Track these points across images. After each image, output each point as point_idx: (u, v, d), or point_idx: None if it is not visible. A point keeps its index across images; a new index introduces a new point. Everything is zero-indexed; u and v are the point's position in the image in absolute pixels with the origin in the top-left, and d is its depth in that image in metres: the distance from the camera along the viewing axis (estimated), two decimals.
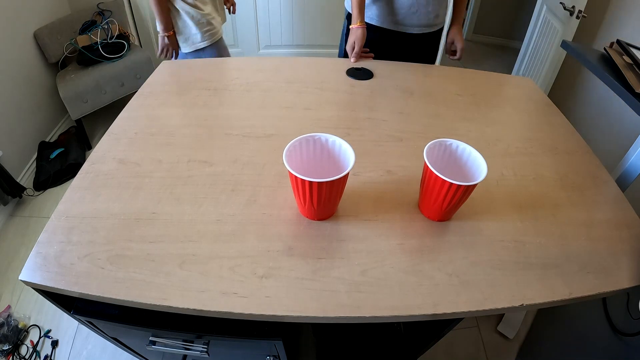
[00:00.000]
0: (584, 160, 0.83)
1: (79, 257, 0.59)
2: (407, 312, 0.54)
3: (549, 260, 0.61)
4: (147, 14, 2.51)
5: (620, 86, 0.82)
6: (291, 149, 0.61)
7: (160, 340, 0.71)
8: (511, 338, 1.37)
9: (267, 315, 0.53)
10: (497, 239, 0.64)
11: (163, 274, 0.57)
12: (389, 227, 0.65)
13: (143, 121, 0.87)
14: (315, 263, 0.59)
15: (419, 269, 0.59)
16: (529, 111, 0.99)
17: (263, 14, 2.58)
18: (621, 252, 0.64)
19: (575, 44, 1.05)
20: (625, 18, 1.88)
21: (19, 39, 1.92)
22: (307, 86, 1.01)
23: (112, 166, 0.75)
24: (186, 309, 0.53)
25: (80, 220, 0.64)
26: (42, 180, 1.92)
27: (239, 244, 0.61)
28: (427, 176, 0.61)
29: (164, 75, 1.06)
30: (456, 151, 0.65)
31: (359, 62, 1.16)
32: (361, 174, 0.75)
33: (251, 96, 0.96)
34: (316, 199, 0.59)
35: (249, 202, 0.68)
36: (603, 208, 0.72)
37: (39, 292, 0.60)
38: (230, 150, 0.79)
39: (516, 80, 1.14)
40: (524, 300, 0.56)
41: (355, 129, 0.86)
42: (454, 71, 1.14)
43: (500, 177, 0.76)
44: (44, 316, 1.42)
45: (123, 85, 2.13)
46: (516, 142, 0.86)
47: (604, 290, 0.58)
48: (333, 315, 0.53)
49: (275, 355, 0.74)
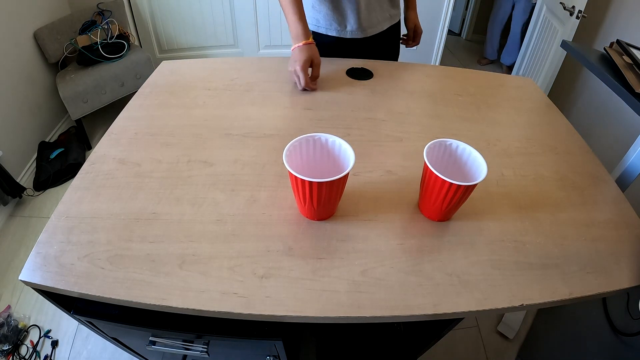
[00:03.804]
0: (584, 160, 0.83)
1: (78, 257, 0.59)
2: (407, 312, 0.54)
3: (549, 260, 0.61)
4: (147, 14, 2.51)
5: (620, 86, 0.82)
6: (291, 149, 0.61)
7: (160, 340, 0.71)
8: (511, 338, 1.37)
9: (267, 315, 0.53)
10: (497, 239, 0.64)
11: (163, 274, 0.57)
12: (389, 227, 0.65)
13: (143, 121, 0.87)
14: (315, 263, 0.59)
15: (419, 269, 0.59)
16: (529, 111, 0.99)
17: (263, 14, 2.58)
18: (621, 252, 0.64)
19: (575, 44, 1.05)
20: (625, 18, 1.88)
21: (19, 39, 1.92)
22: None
23: (112, 166, 0.75)
24: (186, 309, 0.53)
25: (80, 220, 0.64)
26: (42, 180, 1.92)
27: (239, 244, 0.61)
28: (427, 176, 0.61)
29: (164, 75, 1.06)
30: (456, 151, 0.65)
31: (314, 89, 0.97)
32: (361, 174, 0.75)
33: (251, 96, 0.96)
34: (316, 199, 0.59)
35: (249, 202, 0.68)
36: (603, 208, 0.72)
37: (39, 292, 0.60)
38: (230, 150, 0.79)
39: (516, 80, 1.14)
40: (524, 300, 0.56)
41: (355, 129, 0.86)
42: (454, 71, 1.14)
43: (500, 177, 0.76)
44: (44, 316, 1.42)
45: (123, 85, 2.13)
46: (516, 142, 0.86)
47: (604, 290, 0.58)
48: (333, 315, 0.53)
49: (275, 355, 0.74)
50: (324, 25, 1.10)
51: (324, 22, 1.09)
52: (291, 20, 0.94)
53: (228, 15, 2.60)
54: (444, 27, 2.53)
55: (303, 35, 0.93)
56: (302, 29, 0.93)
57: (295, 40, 0.94)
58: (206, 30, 2.64)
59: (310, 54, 0.94)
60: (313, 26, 1.11)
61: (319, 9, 1.07)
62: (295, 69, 0.94)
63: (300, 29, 0.93)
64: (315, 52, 0.95)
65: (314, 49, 0.94)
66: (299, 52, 0.93)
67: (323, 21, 1.09)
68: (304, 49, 0.93)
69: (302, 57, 0.93)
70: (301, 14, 0.94)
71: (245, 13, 2.57)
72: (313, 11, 1.08)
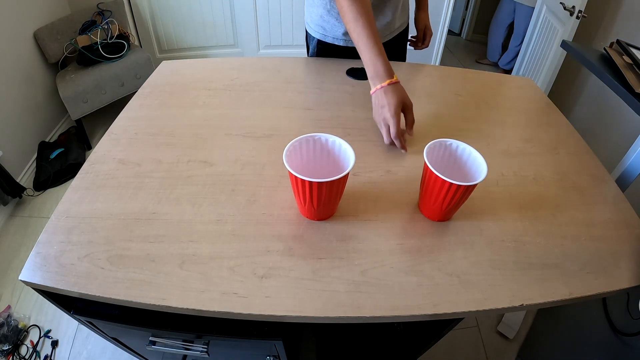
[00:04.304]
0: (584, 160, 0.83)
1: (79, 257, 0.59)
2: (407, 312, 0.54)
3: (549, 260, 0.61)
4: (147, 14, 2.51)
5: (620, 86, 0.82)
6: (291, 149, 0.61)
7: (160, 340, 0.71)
8: (511, 338, 1.37)
9: (267, 315, 0.53)
10: (497, 239, 0.64)
11: (163, 274, 0.57)
12: (389, 227, 0.65)
13: (143, 121, 0.87)
14: (315, 263, 0.59)
15: (419, 269, 0.59)
16: (529, 111, 0.99)
17: (263, 14, 2.58)
18: (621, 252, 0.64)
19: (575, 44, 1.05)
20: (625, 18, 1.88)
21: (19, 39, 1.92)
22: (307, 86, 1.01)
23: (112, 166, 0.75)
24: (186, 309, 0.53)
25: (80, 220, 0.64)
26: (42, 180, 1.92)
27: (239, 244, 0.61)
28: (427, 176, 0.61)
29: (164, 75, 1.06)
30: (456, 151, 0.65)
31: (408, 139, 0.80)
32: (361, 174, 0.75)
33: (251, 96, 0.96)
34: (316, 199, 0.59)
35: (249, 202, 0.68)
36: (603, 208, 0.72)
37: (39, 292, 0.60)
38: (230, 150, 0.79)
39: (516, 80, 1.14)
40: (524, 300, 0.56)
41: (355, 129, 0.86)
42: (454, 71, 1.14)
43: (500, 177, 0.76)
44: (44, 316, 1.42)
45: (123, 85, 2.13)
46: (516, 142, 0.86)
47: (604, 290, 0.58)
48: (333, 315, 0.53)
49: (275, 355, 0.74)
50: (331, 35, 1.09)
51: (331, 32, 1.08)
52: (369, 56, 0.77)
53: (228, 15, 2.60)
54: (444, 27, 2.54)
55: (387, 73, 0.76)
56: (385, 66, 0.76)
57: (376, 81, 0.77)
58: (206, 30, 2.64)
59: (401, 95, 0.76)
60: (320, 35, 1.10)
61: (327, 19, 1.06)
62: (385, 117, 0.76)
63: (383, 66, 0.76)
64: (405, 93, 0.77)
65: (402, 89, 0.77)
66: (386, 95, 0.75)
67: (331, 31, 1.08)
68: (392, 90, 0.75)
69: (392, 101, 0.74)
70: (380, 47, 0.77)
71: (245, 13, 2.57)
72: (321, 20, 1.07)
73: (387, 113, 0.75)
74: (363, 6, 0.78)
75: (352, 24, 0.79)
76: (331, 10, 1.04)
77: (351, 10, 0.78)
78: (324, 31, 1.09)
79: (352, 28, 0.79)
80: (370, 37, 0.77)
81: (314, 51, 1.15)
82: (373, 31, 0.78)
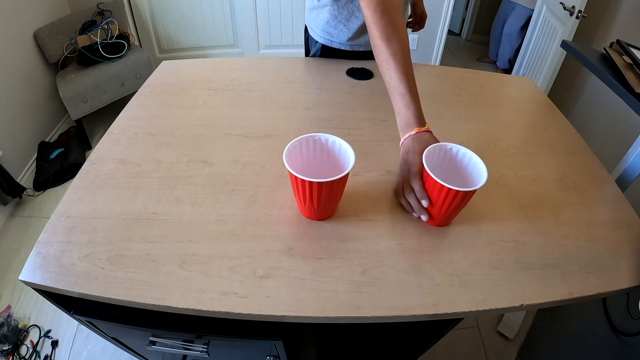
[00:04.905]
0: (584, 160, 0.83)
1: (79, 257, 0.59)
2: (407, 312, 0.54)
3: (549, 260, 0.61)
4: (147, 14, 2.51)
5: (620, 86, 0.82)
6: (291, 149, 0.61)
7: (160, 340, 0.71)
8: (511, 338, 1.37)
9: (267, 315, 0.53)
10: (497, 239, 0.64)
11: (163, 274, 0.57)
12: (389, 227, 0.65)
13: (143, 121, 0.87)
14: (315, 263, 0.59)
15: (419, 269, 0.59)
16: (529, 111, 0.99)
17: (263, 14, 2.58)
18: (621, 252, 0.64)
19: (575, 44, 1.05)
20: (625, 18, 1.88)
21: (19, 39, 1.92)
22: (307, 86, 1.01)
23: (112, 166, 0.75)
24: (186, 309, 0.53)
25: (80, 220, 0.64)
26: (42, 180, 1.92)
27: (239, 244, 0.61)
28: (426, 181, 0.61)
29: (164, 75, 1.06)
30: (456, 156, 0.64)
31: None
32: (361, 174, 0.75)
33: (251, 96, 0.96)
34: (316, 199, 0.59)
35: (249, 202, 0.68)
36: (603, 208, 0.72)
37: (39, 292, 0.60)
38: (230, 150, 0.79)
39: (516, 80, 1.14)
40: (524, 300, 0.56)
41: (355, 129, 0.86)
42: (454, 71, 1.14)
43: (500, 177, 0.76)
44: (44, 316, 1.42)
45: (123, 85, 2.13)
46: (516, 142, 0.86)
47: (604, 290, 0.58)
48: (333, 315, 0.53)
49: (275, 355, 0.74)
50: (337, 40, 1.09)
51: (337, 37, 1.08)
52: (403, 104, 0.69)
53: (228, 15, 2.60)
54: (444, 27, 2.53)
55: (419, 121, 0.68)
56: (419, 114, 0.69)
57: (407, 129, 0.68)
58: (206, 30, 2.64)
59: (433, 143, 0.66)
60: (325, 40, 1.10)
61: (333, 24, 1.06)
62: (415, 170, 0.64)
63: (417, 114, 0.68)
64: (436, 141, 0.67)
65: (433, 137, 0.68)
66: (418, 142, 0.66)
67: (337, 36, 1.08)
68: (424, 138, 0.66)
69: (424, 147, 0.64)
70: (415, 94, 0.70)
71: (245, 13, 2.57)
72: (327, 26, 1.07)
73: (414, 177, 0.64)
74: (400, 44, 0.71)
75: (385, 65, 0.72)
76: (338, 16, 1.03)
77: (387, 49, 0.71)
78: (330, 36, 1.09)
79: (385, 70, 0.72)
80: (409, 84, 0.70)
81: (317, 54, 1.15)
82: (407, 76, 0.70)
